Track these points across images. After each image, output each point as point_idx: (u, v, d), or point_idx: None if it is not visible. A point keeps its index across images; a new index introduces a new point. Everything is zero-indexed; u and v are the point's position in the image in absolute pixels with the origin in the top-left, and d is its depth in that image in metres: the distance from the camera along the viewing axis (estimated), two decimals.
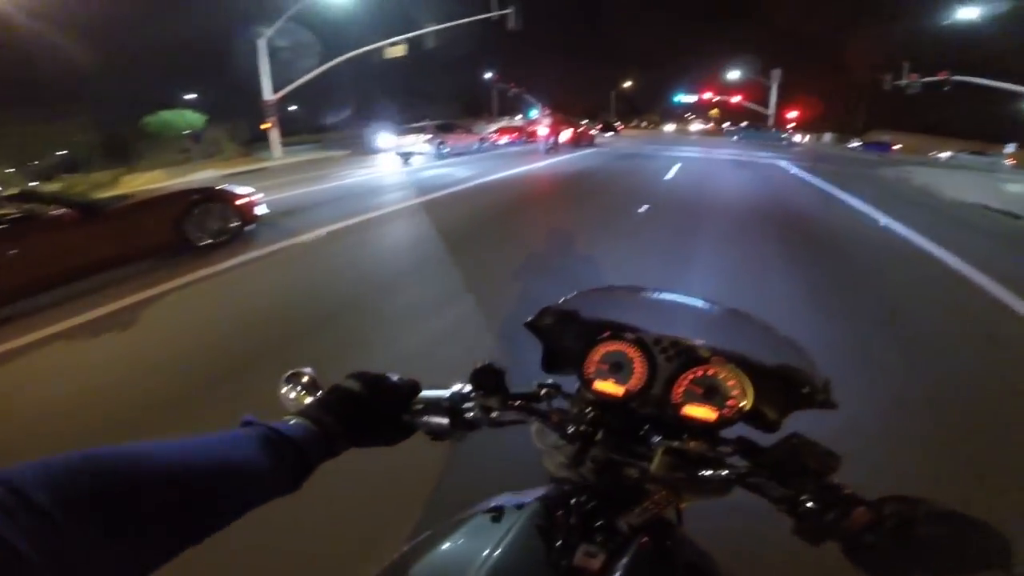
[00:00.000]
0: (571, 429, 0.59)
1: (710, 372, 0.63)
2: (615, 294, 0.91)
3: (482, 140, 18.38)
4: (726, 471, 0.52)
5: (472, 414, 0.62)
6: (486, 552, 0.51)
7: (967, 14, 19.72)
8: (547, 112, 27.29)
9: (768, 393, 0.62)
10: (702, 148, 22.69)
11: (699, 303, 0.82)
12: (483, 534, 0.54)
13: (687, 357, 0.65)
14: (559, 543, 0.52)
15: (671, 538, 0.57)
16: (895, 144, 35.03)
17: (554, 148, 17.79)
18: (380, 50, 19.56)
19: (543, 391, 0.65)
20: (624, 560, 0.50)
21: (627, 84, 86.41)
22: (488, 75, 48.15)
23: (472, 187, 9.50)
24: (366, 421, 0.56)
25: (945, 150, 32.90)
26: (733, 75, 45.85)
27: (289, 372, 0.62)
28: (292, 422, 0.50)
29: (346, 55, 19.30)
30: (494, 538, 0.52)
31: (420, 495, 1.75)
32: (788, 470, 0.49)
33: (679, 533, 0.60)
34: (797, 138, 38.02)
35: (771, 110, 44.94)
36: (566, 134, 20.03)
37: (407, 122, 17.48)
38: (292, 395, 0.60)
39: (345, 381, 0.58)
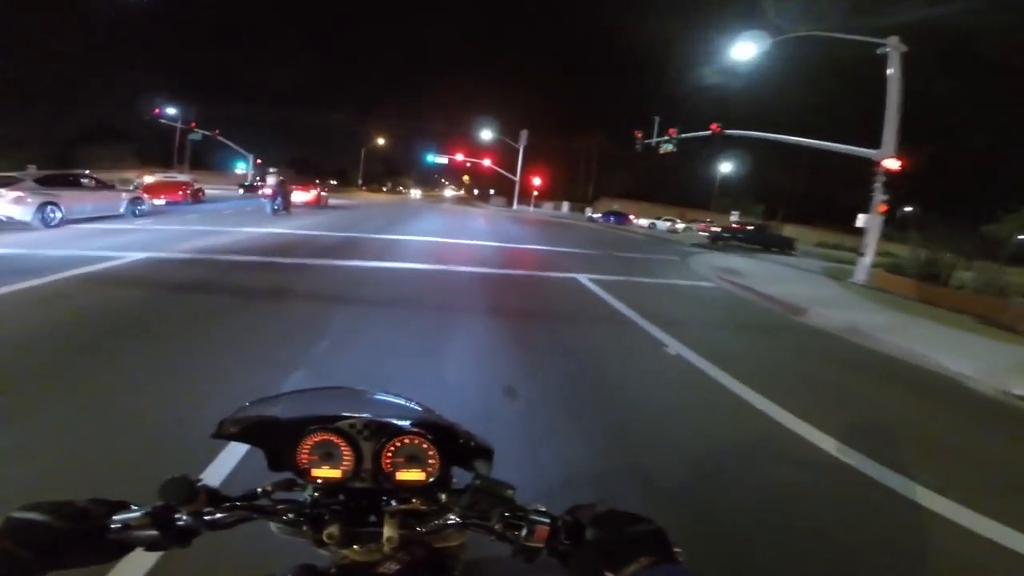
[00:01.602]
0: (293, 517, 0.66)
1: (405, 441, 0.71)
2: (303, 395, 0.88)
3: (135, 200, 13.39)
4: (447, 519, 0.64)
5: (183, 522, 0.61)
6: None
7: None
8: (275, 170, 27.60)
9: (452, 448, 0.73)
10: (446, 223, 18.32)
11: (373, 392, 0.87)
12: None
13: (381, 434, 0.72)
14: None
15: None
16: (630, 214, 36.97)
17: (283, 210, 16.84)
18: None
19: (262, 489, 0.69)
20: None
21: (380, 141, 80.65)
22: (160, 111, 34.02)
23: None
24: (56, 547, 0.53)
25: (663, 217, 36.32)
26: (484, 135, 43.67)
27: None
28: None
29: None
30: None
31: None
32: (482, 506, 0.61)
33: None
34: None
35: (518, 176, 44.69)
36: (303, 195, 20.88)
37: None
38: None
39: (19, 512, 0.54)
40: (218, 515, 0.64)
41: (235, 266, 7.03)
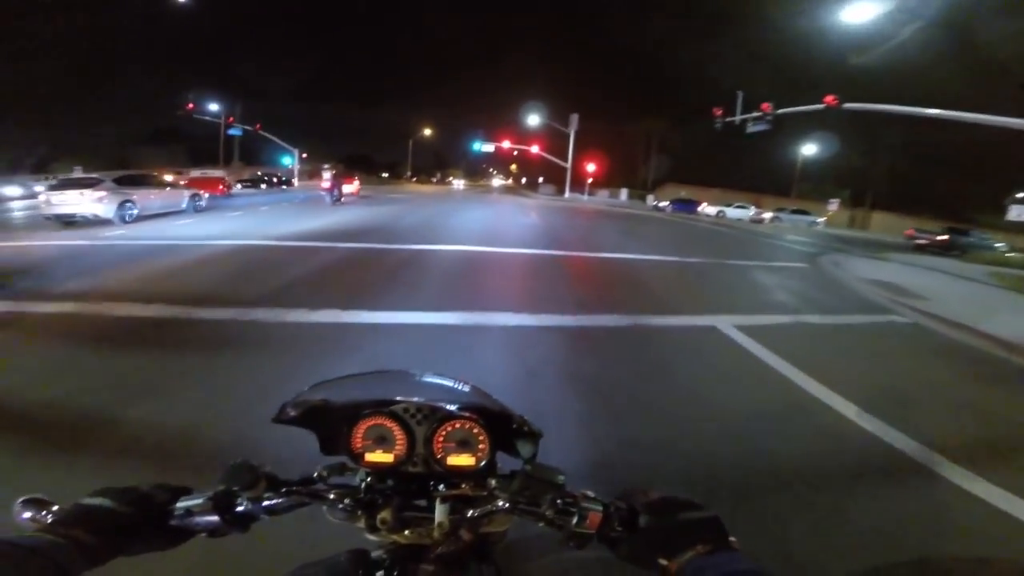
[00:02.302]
0: (349, 503, 0.66)
1: (456, 426, 0.72)
2: (358, 379, 0.88)
3: (194, 196, 14.40)
4: (497, 504, 0.63)
5: (243, 508, 0.62)
6: None
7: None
8: (329, 166, 30.59)
9: (500, 432, 0.74)
10: (490, 219, 15.86)
11: (427, 376, 0.87)
12: None
13: (434, 418, 0.73)
14: None
15: (473, 572, 0.64)
16: (700, 203, 32.36)
17: (338, 200, 19.34)
18: None
19: (318, 473, 0.69)
20: None
21: (427, 132, 79.44)
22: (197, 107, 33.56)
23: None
24: (122, 531, 0.54)
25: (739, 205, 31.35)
26: (532, 121, 40.61)
27: (23, 498, 0.57)
28: (35, 537, 0.49)
29: None
30: None
31: None
32: (531, 492, 0.60)
33: (482, 569, 0.68)
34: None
35: (569, 162, 41.27)
36: (347, 187, 22.49)
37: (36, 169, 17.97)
38: (30, 517, 0.56)
39: (87, 498, 0.56)
40: (276, 500, 0.64)
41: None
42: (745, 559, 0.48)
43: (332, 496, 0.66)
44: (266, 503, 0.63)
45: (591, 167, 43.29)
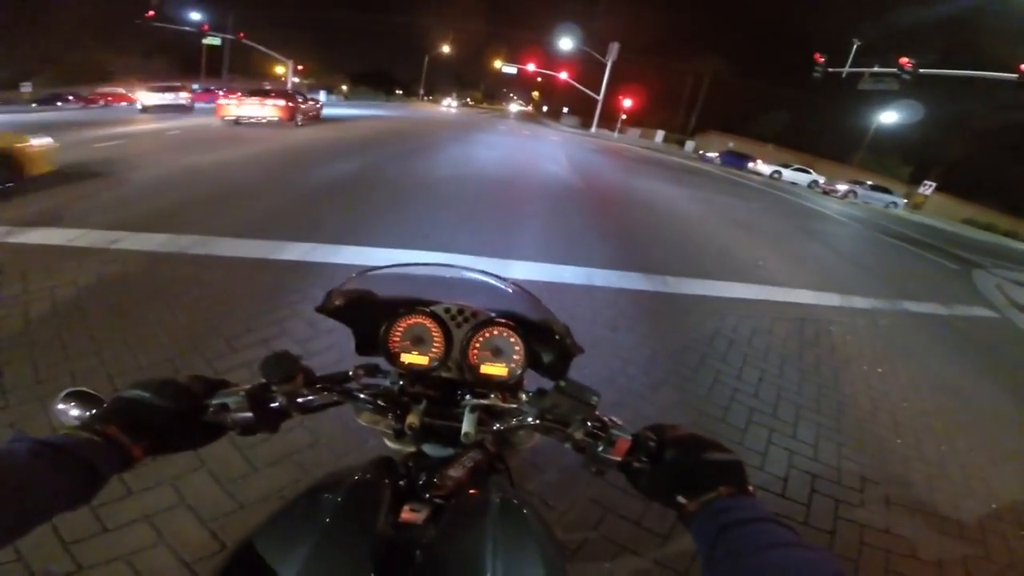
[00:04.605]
0: (381, 403, 0.65)
1: (494, 333, 0.72)
2: (398, 272, 0.83)
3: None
4: (525, 419, 0.62)
5: (277, 403, 0.60)
6: (319, 527, 0.50)
7: None
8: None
9: (540, 344, 0.75)
10: (493, 175, 10.60)
11: (473, 275, 0.84)
12: (316, 509, 0.53)
13: (474, 321, 0.74)
14: (386, 506, 0.54)
15: (491, 486, 0.61)
16: (755, 159, 27.22)
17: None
18: None
19: (352, 372, 0.69)
20: (447, 510, 0.56)
21: (445, 49, 71.25)
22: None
23: None
24: (158, 428, 0.53)
25: (793, 165, 26.59)
26: (564, 45, 34.66)
27: (66, 391, 0.55)
28: (70, 435, 0.47)
29: None
30: (326, 513, 0.52)
31: None
32: (562, 410, 0.57)
33: (500, 481, 0.65)
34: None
35: (601, 94, 35.81)
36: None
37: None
38: (73, 412, 0.54)
39: (127, 391, 0.54)
40: (309, 397, 0.62)
41: None
42: (763, 508, 0.47)
43: (363, 396, 0.65)
44: (299, 399, 0.61)
45: (627, 102, 37.79)
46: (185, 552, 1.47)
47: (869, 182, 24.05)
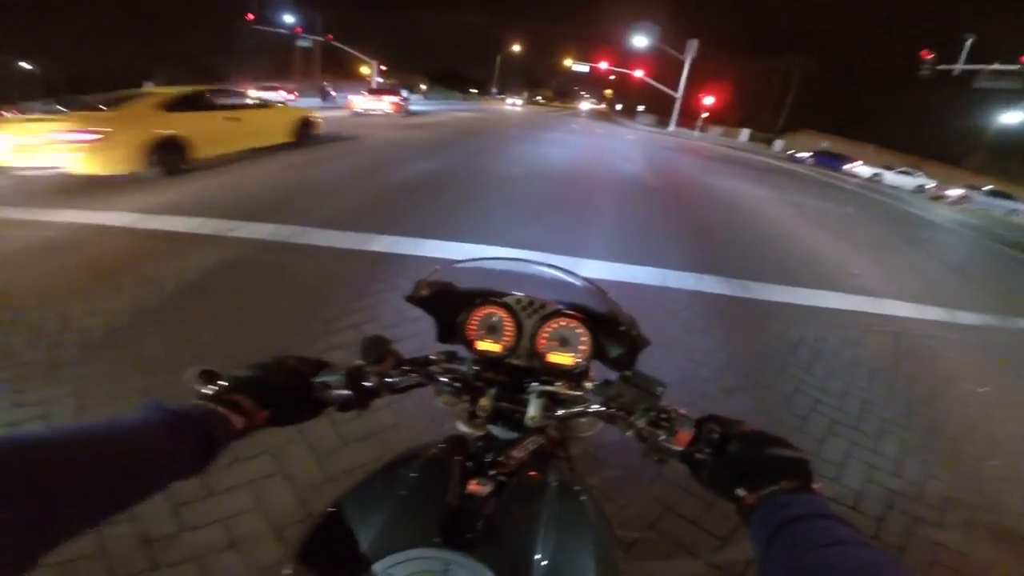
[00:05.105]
0: (458, 386, 0.73)
1: (561, 323, 0.77)
2: (478, 265, 0.93)
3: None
4: (589, 406, 0.66)
5: (371, 383, 0.66)
6: (396, 496, 0.56)
7: None
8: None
9: (607, 337, 0.78)
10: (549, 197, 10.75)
11: (544, 269, 0.88)
12: (392, 482, 0.59)
13: (543, 312, 0.79)
14: (456, 479, 0.59)
15: (551, 470, 0.64)
16: (853, 159, 24.84)
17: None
18: None
19: (435, 356, 0.76)
20: (508, 487, 0.59)
21: (515, 48, 72.28)
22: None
23: None
24: (271, 403, 0.57)
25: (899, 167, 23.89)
26: (639, 42, 33.90)
27: (196, 368, 0.59)
28: (197, 406, 0.51)
29: None
30: (403, 484, 0.58)
31: None
32: (626, 399, 0.62)
33: (561, 466, 0.68)
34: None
35: (680, 92, 34.44)
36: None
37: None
38: (200, 388, 0.58)
39: (246, 369, 0.59)
40: (397, 378, 0.69)
41: None
42: (827, 505, 0.45)
43: (443, 380, 0.72)
44: (389, 379, 0.67)
45: (709, 100, 36.05)
46: (280, 517, 1.60)
47: (987, 187, 21.21)
